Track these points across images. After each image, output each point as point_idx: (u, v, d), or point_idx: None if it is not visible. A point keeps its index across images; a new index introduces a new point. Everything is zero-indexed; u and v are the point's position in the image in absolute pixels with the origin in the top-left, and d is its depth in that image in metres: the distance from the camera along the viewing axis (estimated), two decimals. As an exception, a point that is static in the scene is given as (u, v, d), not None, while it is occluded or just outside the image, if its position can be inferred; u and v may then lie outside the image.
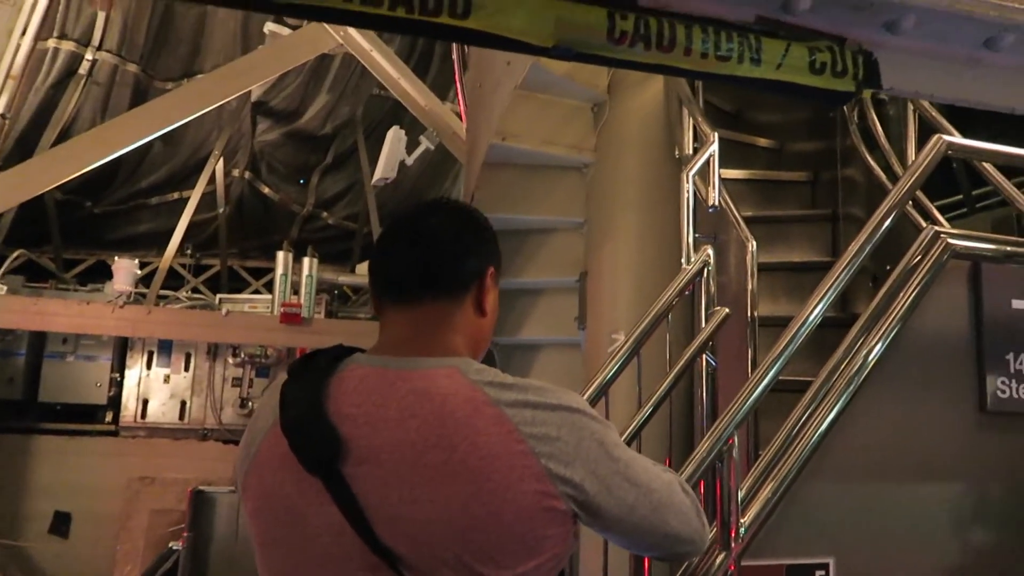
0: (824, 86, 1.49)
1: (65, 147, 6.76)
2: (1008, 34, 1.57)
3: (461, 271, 1.30)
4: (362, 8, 1.28)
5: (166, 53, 8.18)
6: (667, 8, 1.45)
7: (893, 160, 3.87)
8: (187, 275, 9.15)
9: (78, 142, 6.76)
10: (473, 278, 1.30)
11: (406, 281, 1.28)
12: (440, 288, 1.28)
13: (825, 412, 2.13)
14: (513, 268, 4.62)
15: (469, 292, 1.30)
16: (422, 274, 1.28)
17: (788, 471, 2.05)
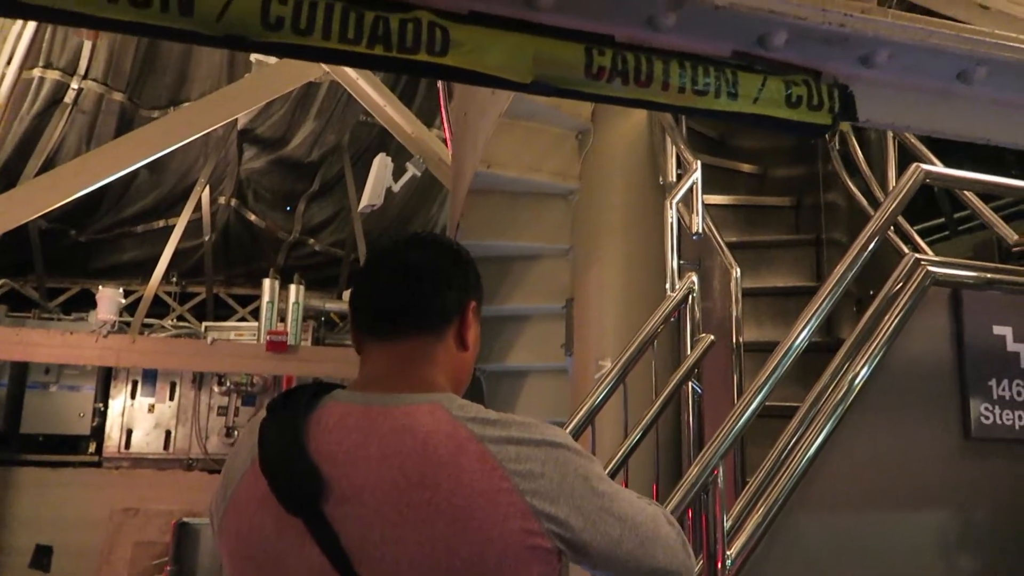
0: (801, 119, 1.50)
1: (50, 176, 6.72)
2: (980, 67, 1.59)
3: (443, 305, 1.28)
4: (340, 46, 1.28)
5: (152, 81, 8.20)
6: (644, 43, 1.47)
7: (874, 185, 3.91)
8: (172, 303, 9.10)
9: (63, 171, 6.72)
10: (455, 312, 1.29)
11: (387, 315, 1.27)
12: (422, 322, 1.27)
13: (810, 441, 2.13)
14: (500, 295, 4.62)
15: (451, 326, 1.29)
16: (403, 308, 1.26)
17: (774, 501, 2.04)
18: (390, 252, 1.35)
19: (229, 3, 1.24)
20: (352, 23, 1.29)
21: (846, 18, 1.48)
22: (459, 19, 1.35)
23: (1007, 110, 1.66)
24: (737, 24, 1.46)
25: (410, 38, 1.31)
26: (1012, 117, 1.67)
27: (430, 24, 1.32)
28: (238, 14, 1.25)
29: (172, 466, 8.10)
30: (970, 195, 3.09)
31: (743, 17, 1.44)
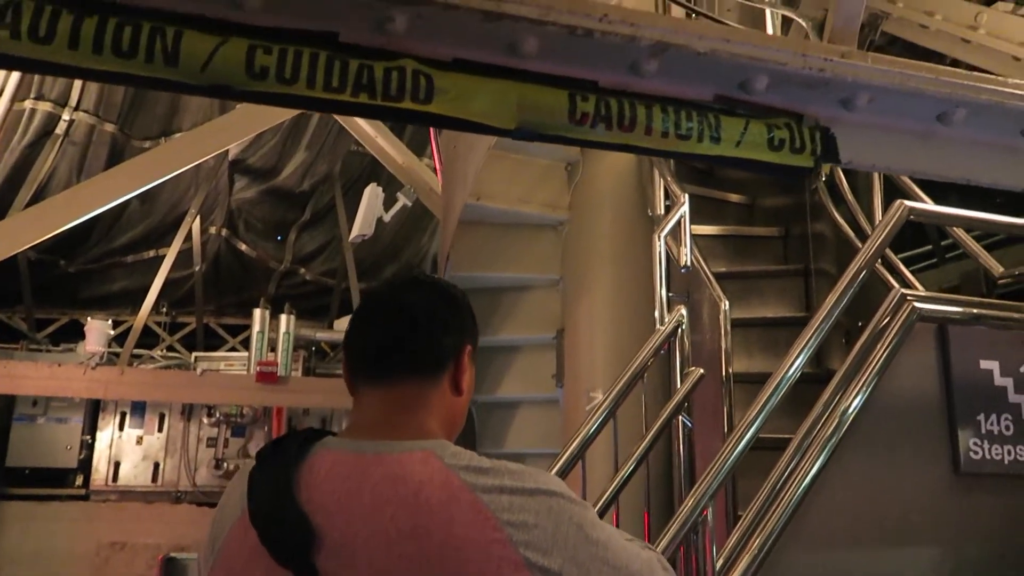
0: (783, 162, 1.51)
1: (40, 207, 6.71)
2: (959, 109, 1.61)
3: (438, 349, 1.26)
4: (325, 95, 1.29)
5: (144, 112, 8.22)
6: (627, 88, 1.48)
7: (859, 215, 3.94)
8: (162, 333, 9.05)
9: (54, 202, 6.71)
10: (450, 356, 1.27)
11: (381, 359, 1.25)
12: (416, 366, 1.25)
13: (801, 477, 2.12)
14: (491, 326, 4.61)
15: (446, 371, 1.27)
16: (398, 352, 1.24)
17: (766, 538, 2.03)
18: (385, 293, 1.34)
19: (214, 53, 1.25)
20: (337, 72, 1.30)
21: (826, 63, 1.50)
22: (443, 67, 1.37)
23: (986, 151, 1.68)
24: (719, 69, 1.47)
25: (395, 86, 1.32)
26: (991, 157, 1.69)
27: (414, 72, 1.33)
28: (223, 64, 1.26)
29: (160, 499, 8.00)
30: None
31: (724, 63, 1.45)
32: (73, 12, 1.21)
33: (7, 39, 1.17)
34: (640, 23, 1.40)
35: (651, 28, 1.40)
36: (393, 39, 1.35)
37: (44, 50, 1.19)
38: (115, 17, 1.23)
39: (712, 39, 1.43)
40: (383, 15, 1.32)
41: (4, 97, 6.58)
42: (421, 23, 1.34)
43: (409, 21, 1.33)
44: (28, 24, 1.19)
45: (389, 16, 1.31)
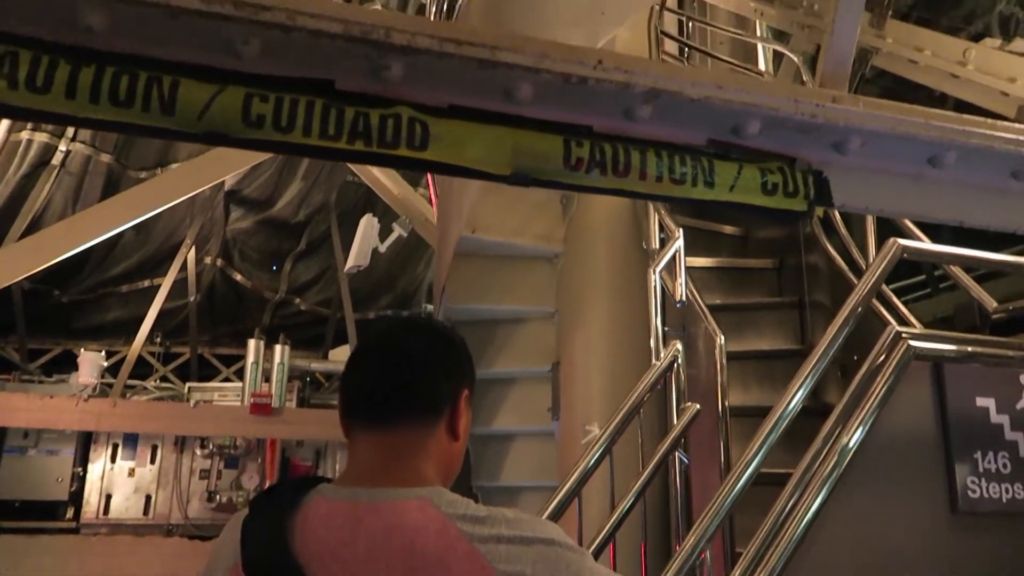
0: (777, 206, 1.52)
1: (36, 238, 6.71)
2: (950, 152, 1.63)
3: (435, 394, 1.25)
4: (321, 143, 1.30)
5: (140, 143, 8.25)
6: (622, 133, 1.49)
7: (852, 248, 3.95)
8: (156, 363, 9.01)
9: (49, 233, 6.71)
10: (447, 401, 1.26)
11: (378, 403, 1.23)
12: (413, 411, 1.23)
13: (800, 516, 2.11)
14: (486, 358, 4.60)
15: (442, 416, 1.25)
16: (395, 396, 1.23)
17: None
18: (382, 336, 1.33)
19: (211, 102, 1.26)
20: (333, 120, 1.31)
21: (818, 108, 1.51)
22: (438, 113, 1.38)
23: (978, 193, 1.70)
24: (712, 115, 1.49)
25: (390, 133, 1.32)
26: (983, 199, 1.70)
27: (410, 119, 1.34)
28: (220, 112, 1.27)
29: (152, 532, 7.90)
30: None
31: (717, 109, 1.47)
32: (71, 62, 1.22)
33: (4, 89, 1.18)
34: (634, 70, 1.41)
35: (644, 75, 1.41)
36: (389, 86, 1.36)
37: (41, 99, 1.19)
38: (112, 66, 1.24)
39: (705, 85, 1.44)
40: (379, 63, 1.33)
41: (1, 128, 6.60)
42: (416, 71, 1.35)
43: (405, 69, 1.34)
44: (26, 74, 1.19)
45: (385, 64, 1.32)
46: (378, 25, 1.29)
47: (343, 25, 1.27)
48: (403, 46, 1.30)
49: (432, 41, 1.31)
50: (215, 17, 1.22)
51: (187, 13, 1.21)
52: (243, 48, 1.27)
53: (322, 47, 1.29)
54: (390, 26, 1.30)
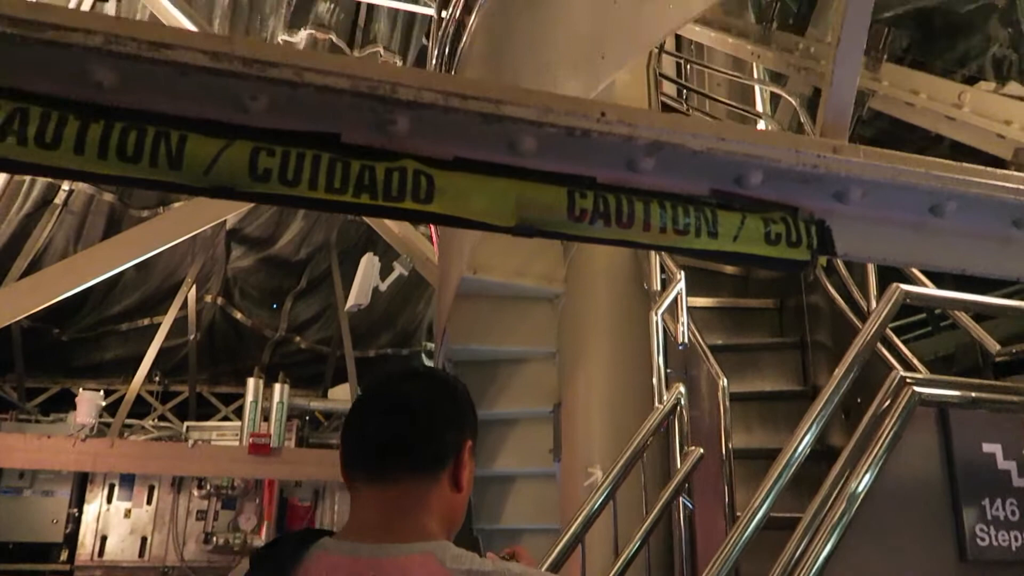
0: (780, 256, 1.53)
1: (36, 277, 6.70)
2: (951, 201, 1.64)
3: (438, 446, 1.24)
4: (327, 196, 1.31)
5: (143, 182, 8.28)
6: (625, 184, 1.50)
7: (852, 288, 3.95)
8: (154, 402, 8.96)
9: (50, 272, 6.71)
10: (450, 452, 1.24)
11: (379, 456, 1.22)
12: (415, 464, 1.22)
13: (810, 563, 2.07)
14: (487, 399, 4.58)
15: (446, 468, 1.23)
16: (397, 449, 1.21)
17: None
18: (384, 387, 1.32)
19: (218, 156, 1.27)
20: (339, 173, 1.32)
21: (819, 159, 1.53)
22: (443, 166, 1.39)
23: (980, 241, 1.70)
24: (714, 166, 1.50)
25: (395, 186, 1.33)
26: (985, 248, 1.71)
27: (415, 172, 1.35)
28: (227, 166, 1.27)
29: (147, 574, 7.78)
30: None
31: (720, 160, 1.48)
32: (80, 118, 1.23)
33: (13, 145, 1.19)
34: (636, 123, 1.43)
35: (647, 128, 1.43)
36: (394, 139, 1.37)
37: (50, 155, 1.20)
38: (121, 122, 1.25)
39: (707, 137, 1.46)
40: (385, 117, 1.34)
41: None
42: (422, 124, 1.36)
43: (410, 122, 1.35)
44: (35, 130, 1.20)
45: (391, 118, 1.34)
46: (384, 80, 1.30)
47: (350, 81, 1.28)
48: (409, 101, 1.31)
49: (437, 96, 1.32)
50: (224, 74, 1.23)
51: (196, 70, 1.22)
52: (251, 103, 1.29)
53: (329, 102, 1.30)
54: (396, 81, 1.31)
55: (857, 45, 1.75)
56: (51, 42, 1.17)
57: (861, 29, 1.75)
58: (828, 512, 2.16)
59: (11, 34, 1.16)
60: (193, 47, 1.23)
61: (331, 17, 8.06)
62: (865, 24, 1.77)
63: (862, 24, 1.75)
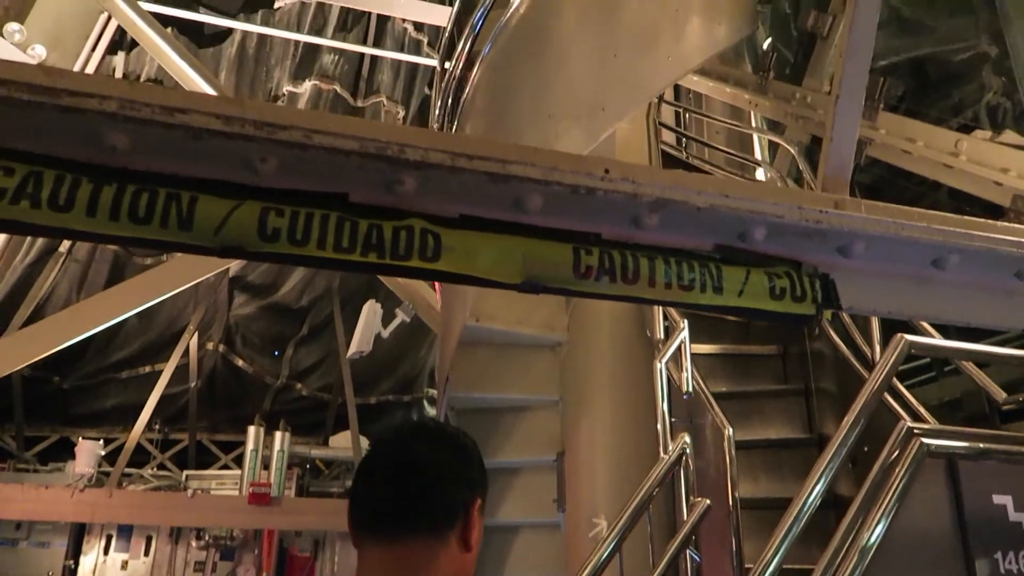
0: (785, 310, 1.53)
1: (39, 326, 6.67)
2: (953, 254, 1.65)
3: (447, 506, 1.22)
4: (334, 255, 1.32)
5: (147, 231, 8.33)
6: (630, 240, 1.52)
7: (855, 334, 3.95)
8: (154, 451, 8.88)
9: (53, 321, 6.70)
10: (459, 512, 1.23)
11: (387, 516, 1.20)
12: (424, 524, 1.20)
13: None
14: (489, 447, 4.54)
15: (454, 527, 1.21)
16: (404, 508, 1.20)
17: None
18: (392, 444, 1.30)
19: (228, 217, 1.29)
20: (347, 233, 1.33)
21: (821, 214, 1.54)
22: (450, 224, 1.40)
23: (984, 294, 1.71)
24: (718, 222, 1.51)
25: (403, 245, 1.34)
26: (989, 300, 1.71)
27: (422, 231, 1.37)
28: (236, 227, 1.29)
29: (142, 629, 7.64)
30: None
31: (724, 216, 1.50)
32: (93, 180, 1.25)
33: (27, 209, 1.20)
34: (640, 180, 1.45)
35: (651, 185, 1.44)
36: (402, 199, 1.39)
37: (62, 218, 1.22)
38: (133, 184, 1.27)
39: (710, 194, 1.47)
40: (392, 177, 1.36)
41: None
42: (429, 183, 1.38)
43: (418, 182, 1.37)
44: (49, 193, 1.22)
45: (398, 179, 1.36)
46: (392, 142, 1.33)
47: (358, 143, 1.31)
48: (416, 161, 1.33)
49: (445, 156, 1.34)
50: (236, 137, 1.26)
51: (209, 134, 1.25)
52: (261, 165, 1.31)
53: (337, 163, 1.32)
54: (404, 142, 1.33)
55: (856, 101, 1.79)
56: (67, 108, 1.20)
57: (859, 85, 1.78)
58: (840, 565, 2.13)
59: (28, 100, 1.18)
60: (206, 111, 1.25)
61: (335, 68, 8.20)
62: (863, 80, 1.81)
63: (860, 81, 1.78)
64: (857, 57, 1.81)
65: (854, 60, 1.81)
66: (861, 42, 1.81)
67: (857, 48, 1.81)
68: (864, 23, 1.81)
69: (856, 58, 1.81)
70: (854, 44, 1.81)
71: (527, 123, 4.05)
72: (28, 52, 4.49)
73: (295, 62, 8.20)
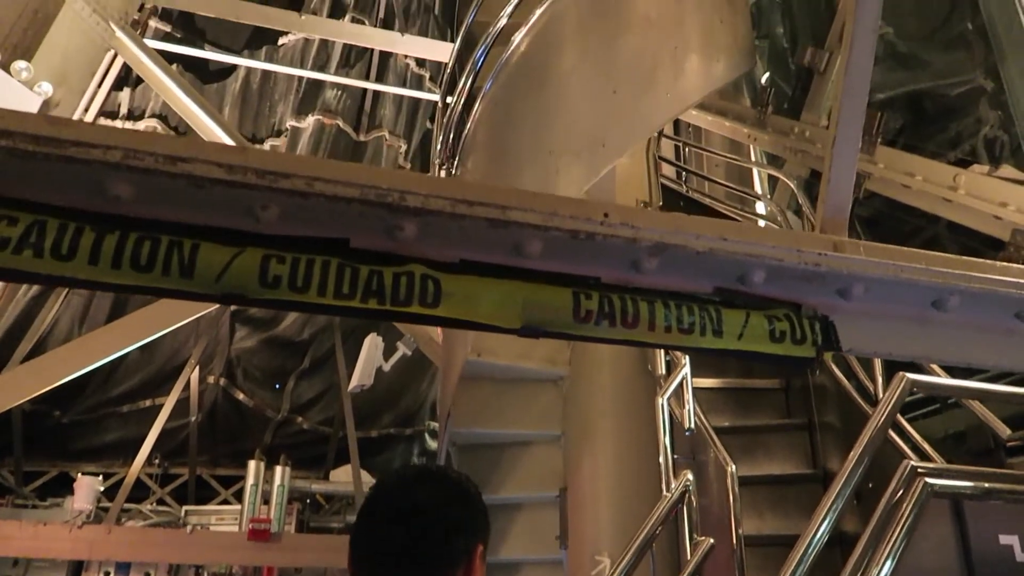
0: (785, 353, 1.53)
1: (40, 361, 6.66)
2: (953, 296, 1.65)
3: (449, 554, 1.21)
4: (335, 302, 1.32)
5: (149, 264, 8.35)
6: (629, 284, 1.52)
7: (857, 368, 3.93)
8: (153, 486, 8.81)
9: (54, 356, 6.69)
10: (461, 559, 1.22)
11: (389, 564, 1.19)
12: (426, 570, 1.19)
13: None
14: (491, 483, 4.50)
15: (456, 574, 1.22)
16: (406, 555, 1.19)
17: None
18: (394, 488, 1.30)
19: (229, 264, 1.29)
20: (347, 279, 1.34)
21: (820, 257, 1.55)
22: (450, 269, 1.41)
23: (984, 334, 1.71)
24: (717, 265, 1.52)
25: (403, 291, 1.35)
26: (989, 341, 1.71)
27: (423, 277, 1.37)
28: (237, 274, 1.30)
29: (140, 668, 7.51)
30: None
31: (722, 259, 1.50)
32: (95, 229, 1.26)
33: (30, 258, 1.21)
34: (639, 224, 1.45)
35: (650, 229, 1.45)
36: (402, 244, 1.40)
37: (65, 266, 1.23)
38: (135, 232, 1.28)
39: (709, 238, 1.48)
40: (393, 223, 1.37)
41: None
42: (429, 229, 1.39)
43: (418, 228, 1.38)
44: (52, 242, 1.23)
45: (399, 225, 1.37)
46: (393, 189, 1.34)
47: (359, 190, 1.32)
48: (417, 208, 1.34)
49: (445, 203, 1.35)
50: (238, 186, 1.27)
51: (211, 182, 1.26)
52: (262, 213, 1.32)
53: (339, 210, 1.33)
54: (405, 189, 1.35)
55: (853, 143, 1.80)
56: (71, 158, 1.21)
57: (856, 127, 1.80)
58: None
59: (32, 151, 1.20)
60: (208, 160, 1.26)
61: (338, 103, 8.29)
62: (860, 122, 1.82)
63: (857, 122, 1.80)
64: (854, 98, 1.83)
65: (851, 101, 1.83)
66: (857, 82, 1.83)
67: (853, 88, 1.83)
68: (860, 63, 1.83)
69: (853, 99, 1.83)
70: (850, 84, 1.83)
71: (528, 159, 4.08)
72: (35, 89, 4.54)
73: (298, 97, 8.29)
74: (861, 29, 1.73)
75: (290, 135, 8.19)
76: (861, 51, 1.80)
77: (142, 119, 7.89)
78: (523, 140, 4.17)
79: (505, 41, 4.28)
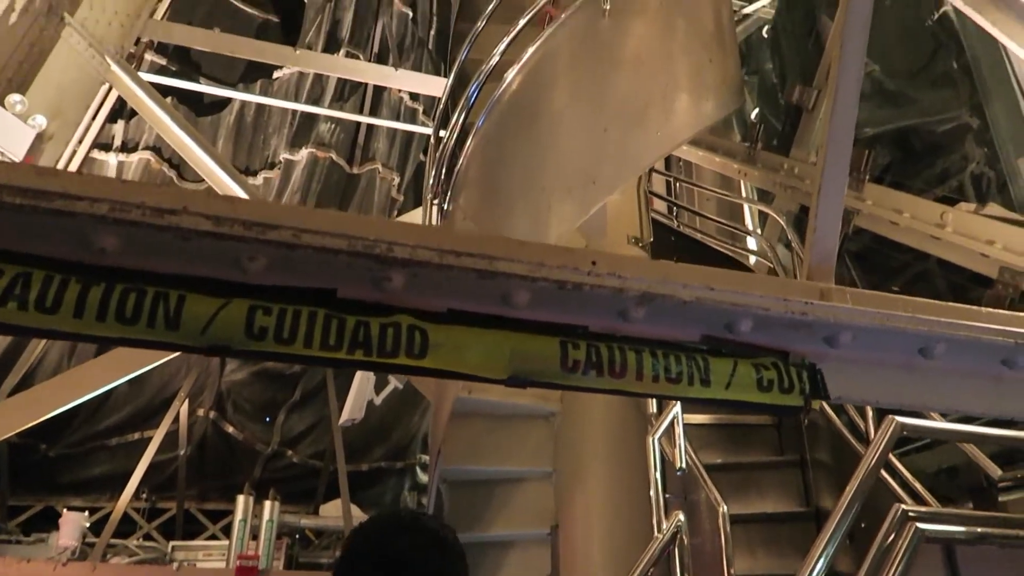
0: (773, 402, 1.53)
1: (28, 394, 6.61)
2: (940, 343, 1.66)
3: None
4: (321, 353, 1.32)
5: (140, 296, 8.31)
6: (617, 333, 1.52)
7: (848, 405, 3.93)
8: (140, 520, 8.66)
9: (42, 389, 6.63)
10: None
11: None
12: None
13: None
14: (483, 521, 4.45)
15: None
16: None
17: None
18: (374, 539, 1.30)
19: (215, 316, 1.29)
20: (334, 330, 1.33)
21: (807, 306, 1.55)
22: (437, 319, 1.41)
23: (971, 381, 1.71)
24: (705, 314, 1.52)
25: (390, 343, 1.35)
26: (976, 387, 1.71)
27: (409, 327, 1.37)
28: (223, 326, 1.29)
29: None
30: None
31: (710, 309, 1.51)
32: (81, 281, 1.25)
33: (14, 311, 1.20)
34: (626, 274, 1.46)
35: (638, 279, 1.46)
36: (390, 295, 1.40)
37: (49, 319, 1.22)
38: (121, 284, 1.27)
39: (697, 287, 1.49)
40: (380, 274, 1.37)
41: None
42: (417, 280, 1.39)
43: (406, 279, 1.38)
44: (36, 294, 1.22)
45: (386, 276, 1.37)
46: (380, 240, 1.34)
47: (347, 241, 1.32)
48: (404, 259, 1.35)
49: (432, 254, 1.36)
50: (226, 238, 1.27)
51: (199, 235, 1.26)
52: (249, 264, 1.32)
53: (326, 261, 1.33)
54: (392, 240, 1.35)
55: (838, 190, 1.82)
56: (58, 211, 1.21)
57: (841, 176, 1.82)
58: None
59: (20, 204, 1.20)
60: (196, 212, 1.27)
61: (332, 136, 8.33)
62: (845, 171, 1.84)
63: (842, 171, 1.82)
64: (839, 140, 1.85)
65: (836, 145, 1.85)
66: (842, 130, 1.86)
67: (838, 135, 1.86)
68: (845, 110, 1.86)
69: (838, 142, 1.85)
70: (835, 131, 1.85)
71: (520, 195, 4.11)
72: (29, 122, 4.56)
73: (292, 130, 8.32)
74: (845, 80, 1.75)
75: (284, 168, 8.21)
76: (845, 101, 1.82)
77: (136, 151, 7.90)
78: (515, 176, 4.20)
79: (498, 78, 4.32)
